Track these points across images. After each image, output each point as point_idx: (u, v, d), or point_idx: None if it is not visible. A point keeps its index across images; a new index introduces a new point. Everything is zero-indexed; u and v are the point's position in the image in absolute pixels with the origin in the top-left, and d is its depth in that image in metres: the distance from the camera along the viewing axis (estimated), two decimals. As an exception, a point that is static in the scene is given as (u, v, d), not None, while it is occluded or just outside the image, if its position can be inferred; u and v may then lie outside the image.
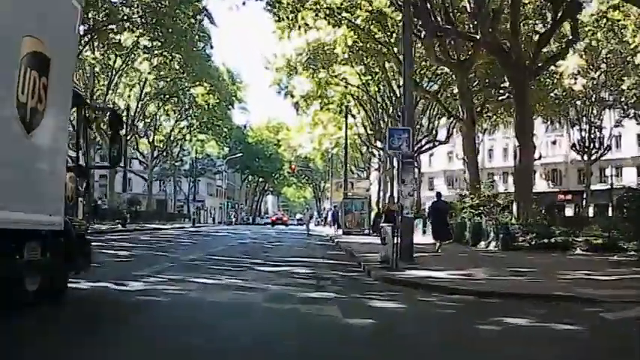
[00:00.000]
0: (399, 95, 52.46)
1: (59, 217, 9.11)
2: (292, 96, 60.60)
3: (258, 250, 26.22)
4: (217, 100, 67.68)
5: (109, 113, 12.88)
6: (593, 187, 72.06)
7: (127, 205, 62.60)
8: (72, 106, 10.37)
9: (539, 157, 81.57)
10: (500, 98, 40.20)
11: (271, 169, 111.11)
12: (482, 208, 29.78)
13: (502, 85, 38.40)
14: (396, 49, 40.08)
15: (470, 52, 34.46)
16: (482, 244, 26.72)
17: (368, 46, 44.38)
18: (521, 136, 29.72)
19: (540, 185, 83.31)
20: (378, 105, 57.77)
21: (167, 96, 63.70)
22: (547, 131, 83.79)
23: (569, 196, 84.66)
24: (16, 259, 8.36)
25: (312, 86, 56.58)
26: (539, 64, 31.76)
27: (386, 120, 57.40)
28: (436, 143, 60.53)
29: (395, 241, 16.37)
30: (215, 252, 23.66)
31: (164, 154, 77.32)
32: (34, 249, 8.81)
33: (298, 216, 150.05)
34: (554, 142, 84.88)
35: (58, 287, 9.90)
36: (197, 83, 62.76)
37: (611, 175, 79.18)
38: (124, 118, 47.52)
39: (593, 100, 62.05)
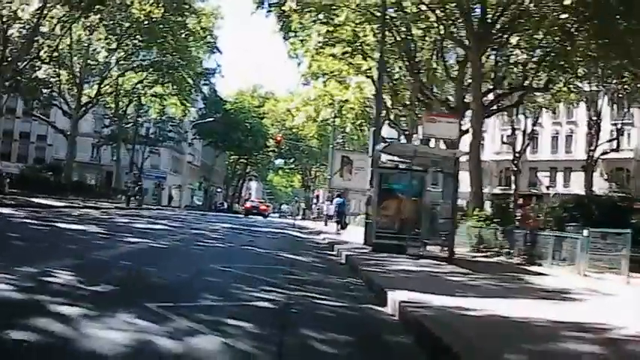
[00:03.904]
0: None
1: None
2: (281, 7, 36.23)
3: None
4: (162, 9, 42.74)
5: None
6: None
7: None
8: None
9: (617, 148, 57.60)
10: None
11: (253, 145, 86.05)
12: None
13: None
14: None
15: None
16: None
17: None
18: None
19: (599, 185, 58.92)
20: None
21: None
22: (614, 117, 59.54)
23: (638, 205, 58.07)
24: None
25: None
26: None
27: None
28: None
29: None
30: None
31: (96, 101, 52.44)
32: None
33: (284, 207, 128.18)
34: (620, 132, 58.98)
35: None
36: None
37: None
38: None
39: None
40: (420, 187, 17.60)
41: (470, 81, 35.38)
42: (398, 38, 35.25)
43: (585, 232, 15.18)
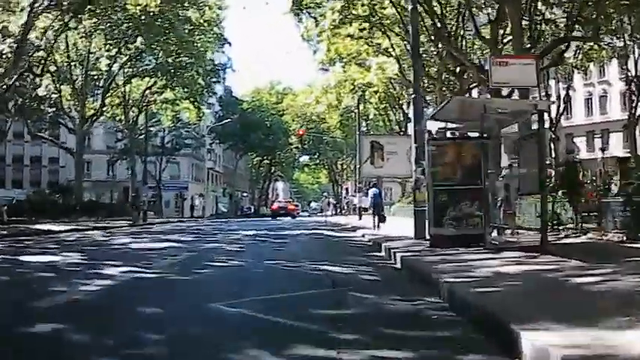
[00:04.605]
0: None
1: None
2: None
3: None
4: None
5: None
6: None
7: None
8: None
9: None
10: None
11: (274, 143, 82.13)
12: None
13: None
14: None
15: None
16: None
17: None
18: None
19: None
20: None
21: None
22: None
23: None
24: None
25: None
26: None
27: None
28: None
29: None
30: None
31: (101, 113, 48.86)
32: None
33: (313, 204, 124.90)
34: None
35: None
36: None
37: None
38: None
39: None
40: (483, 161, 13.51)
41: (505, 41, 31.67)
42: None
43: None
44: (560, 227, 17.82)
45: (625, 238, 14.09)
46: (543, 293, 6.91)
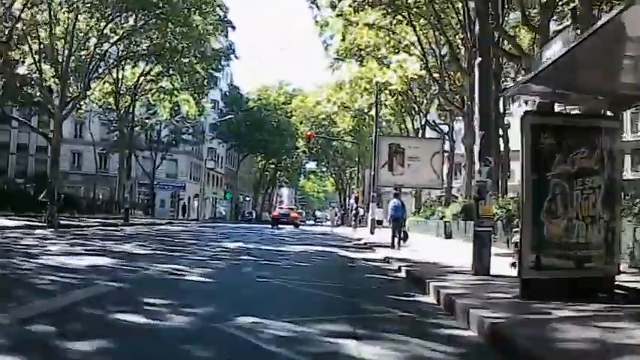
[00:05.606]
0: None
1: None
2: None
3: None
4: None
5: None
6: None
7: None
8: None
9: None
10: None
11: (280, 145, 76.35)
12: None
13: None
14: None
15: None
16: None
17: None
18: None
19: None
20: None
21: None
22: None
23: None
24: None
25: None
26: None
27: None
28: None
29: None
30: None
31: (84, 96, 43.14)
32: None
33: (317, 213, 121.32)
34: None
35: None
36: None
37: None
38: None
39: None
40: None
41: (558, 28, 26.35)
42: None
43: None
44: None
45: None
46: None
